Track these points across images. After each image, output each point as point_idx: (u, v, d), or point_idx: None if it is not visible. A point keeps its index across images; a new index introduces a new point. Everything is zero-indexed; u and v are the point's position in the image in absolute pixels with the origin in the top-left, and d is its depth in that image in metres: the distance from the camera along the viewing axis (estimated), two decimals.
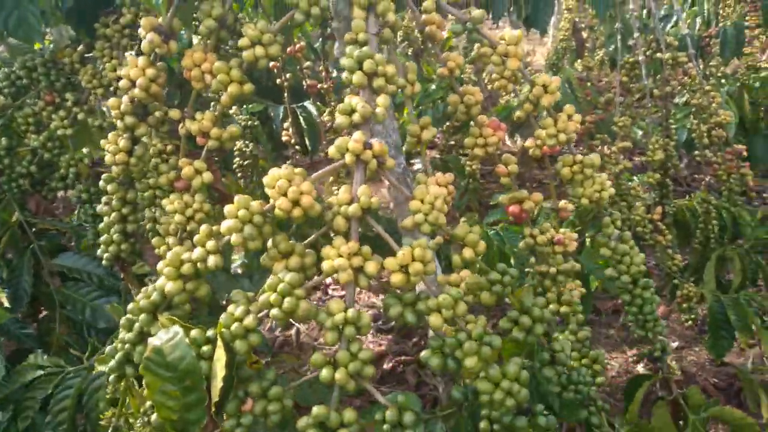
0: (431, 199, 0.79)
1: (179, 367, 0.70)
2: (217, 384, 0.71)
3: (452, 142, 2.75)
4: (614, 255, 1.11)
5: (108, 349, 0.84)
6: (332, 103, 2.11)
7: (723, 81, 3.13)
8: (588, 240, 1.88)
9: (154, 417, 0.75)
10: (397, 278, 0.75)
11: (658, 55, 1.73)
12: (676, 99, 2.80)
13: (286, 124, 2.03)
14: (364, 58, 0.81)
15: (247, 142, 2.00)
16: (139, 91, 0.90)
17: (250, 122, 2.00)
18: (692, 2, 4.41)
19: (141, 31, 0.91)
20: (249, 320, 0.73)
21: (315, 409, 0.72)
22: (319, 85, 2.07)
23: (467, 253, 0.84)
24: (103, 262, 1.10)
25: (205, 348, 0.74)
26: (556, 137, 0.97)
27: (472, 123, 0.97)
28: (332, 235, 0.79)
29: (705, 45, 3.45)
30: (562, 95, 2.75)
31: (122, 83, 0.92)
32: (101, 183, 1.05)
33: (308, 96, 2.07)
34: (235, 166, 2.03)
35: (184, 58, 0.88)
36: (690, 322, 1.76)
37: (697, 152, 1.82)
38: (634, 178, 1.81)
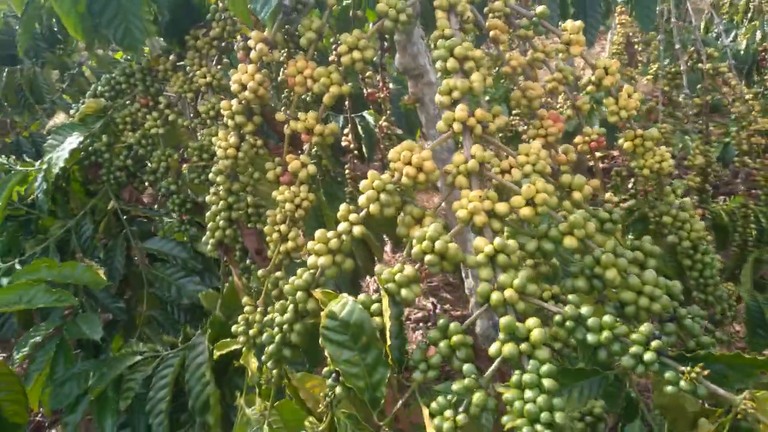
0: (536, 151, 0.96)
1: (351, 321, 0.84)
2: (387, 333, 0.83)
3: None
4: (675, 222, 1.24)
5: (265, 337, 1.01)
6: (388, 112, 2.29)
7: None
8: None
9: (338, 390, 0.88)
10: (526, 212, 0.89)
11: (699, 65, 1.85)
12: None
13: (345, 131, 2.21)
14: (454, 45, 0.99)
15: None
16: (249, 94, 1.10)
17: None
18: (751, 17, 4.44)
19: (250, 42, 1.11)
20: (409, 270, 0.87)
21: (503, 321, 0.81)
22: (377, 94, 2.25)
23: (576, 195, 0.99)
24: (208, 246, 1.29)
25: (374, 306, 0.88)
26: (617, 114, 1.11)
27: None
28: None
29: (761, 59, 3.53)
30: None
31: (234, 87, 1.12)
32: (211, 175, 1.25)
33: (367, 105, 2.25)
34: None
35: (288, 67, 1.07)
36: (729, 320, 1.86)
37: (736, 158, 1.93)
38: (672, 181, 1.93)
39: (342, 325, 0.85)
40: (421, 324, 3.40)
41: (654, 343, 0.79)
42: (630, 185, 1.72)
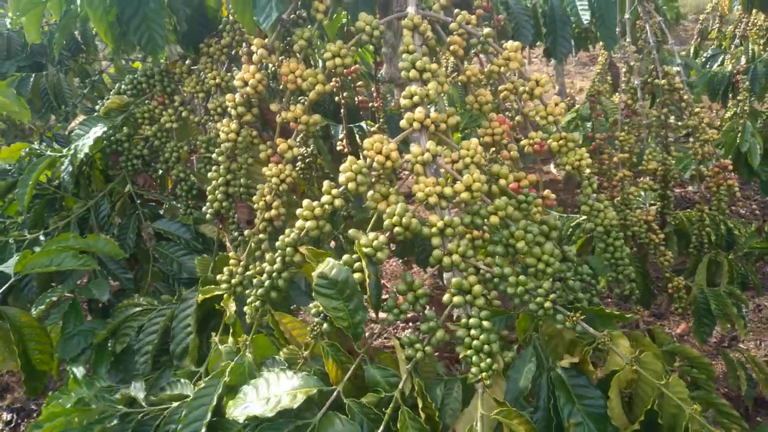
0: (474, 146, 1.21)
1: (339, 279, 1.06)
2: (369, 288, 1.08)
3: None
4: (592, 211, 1.46)
5: (255, 281, 1.24)
6: (380, 120, 2.52)
7: (749, 114, 3.42)
8: (596, 247, 2.23)
9: (325, 326, 1.13)
10: (465, 195, 1.15)
11: (656, 81, 2.08)
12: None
13: (341, 136, 2.44)
14: (415, 60, 1.24)
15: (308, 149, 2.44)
16: (250, 89, 1.34)
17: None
18: (738, 43, 4.66)
19: (252, 47, 1.35)
20: (382, 238, 1.13)
21: (453, 280, 1.10)
22: (370, 104, 2.49)
23: (501, 182, 1.24)
24: (207, 215, 1.53)
25: (356, 265, 1.11)
26: (546, 118, 1.34)
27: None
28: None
29: (735, 81, 3.76)
30: (600, 123, 3.10)
31: (237, 83, 1.36)
32: (214, 155, 1.48)
33: (360, 115, 2.49)
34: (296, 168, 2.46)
35: (282, 67, 1.31)
36: (680, 310, 2.06)
37: (693, 167, 2.15)
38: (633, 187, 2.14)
39: (331, 282, 1.08)
40: (410, 324, 3.61)
41: (551, 296, 1.09)
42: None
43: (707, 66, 4.32)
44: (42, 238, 1.80)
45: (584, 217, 1.74)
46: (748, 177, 3.26)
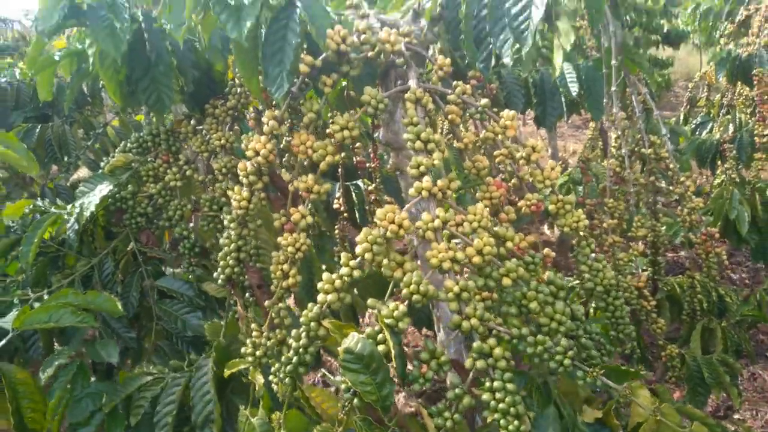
0: (480, 211, 1.27)
1: (365, 354, 1.10)
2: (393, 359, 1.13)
3: None
4: (591, 270, 1.51)
5: (283, 359, 1.28)
6: (377, 180, 2.58)
7: (736, 182, 3.51)
8: (592, 310, 2.27)
9: (356, 401, 1.15)
10: (477, 259, 1.20)
11: (643, 150, 2.16)
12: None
13: (338, 195, 2.50)
14: (420, 131, 1.31)
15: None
16: (261, 159, 1.39)
17: None
18: (726, 111, 4.79)
19: (264, 118, 1.41)
20: (402, 308, 1.17)
21: (474, 344, 1.14)
22: (367, 164, 2.55)
23: (508, 244, 1.29)
24: (219, 281, 1.56)
25: (379, 337, 1.15)
26: (543, 182, 1.40)
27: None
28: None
29: (723, 149, 3.87)
30: (590, 188, 3.17)
31: (248, 153, 1.41)
32: (225, 222, 1.53)
33: (358, 174, 2.55)
34: None
35: (293, 139, 1.37)
36: (673, 379, 2.08)
37: (682, 235, 2.21)
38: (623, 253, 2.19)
39: (357, 357, 1.12)
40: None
41: (570, 353, 1.13)
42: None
43: (697, 133, 4.44)
44: (45, 296, 1.82)
45: (578, 281, 1.79)
46: (737, 243, 3.33)
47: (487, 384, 1.12)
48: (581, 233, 1.42)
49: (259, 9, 1.29)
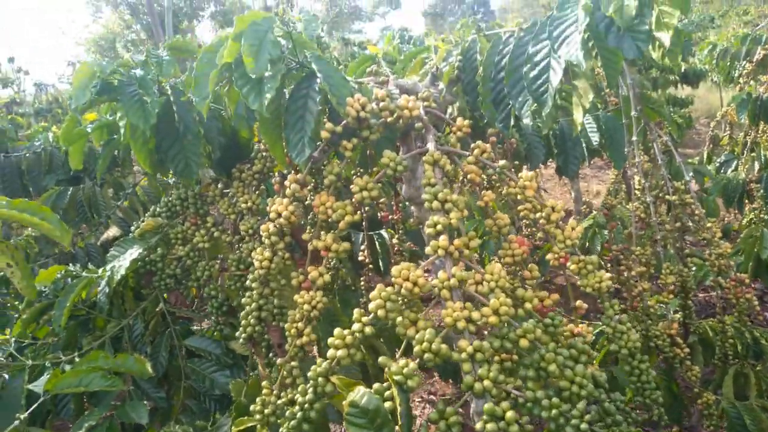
0: (498, 271, 1.27)
1: (370, 408, 1.08)
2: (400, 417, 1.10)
3: None
4: (615, 333, 1.49)
5: (287, 414, 1.28)
6: (400, 231, 2.60)
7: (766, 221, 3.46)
8: (622, 370, 2.23)
9: None
10: (493, 320, 1.19)
11: (667, 197, 2.15)
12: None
13: (363, 247, 2.52)
14: (437, 192, 1.33)
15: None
16: (283, 220, 1.43)
17: None
18: (750, 149, 4.76)
19: (286, 182, 1.45)
20: (412, 365, 1.16)
21: (486, 406, 1.10)
22: (390, 216, 2.58)
23: (527, 305, 1.29)
24: (240, 340, 1.58)
25: (386, 393, 1.13)
26: (564, 242, 1.40)
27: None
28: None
29: (749, 189, 3.83)
30: (615, 232, 3.15)
31: (271, 215, 1.45)
32: (248, 282, 1.55)
33: (382, 225, 2.58)
34: None
35: (315, 200, 1.41)
36: (712, 428, 2.03)
37: (711, 279, 2.18)
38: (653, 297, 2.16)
39: (362, 411, 1.10)
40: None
41: (587, 417, 1.10)
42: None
43: (721, 171, 4.41)
44: (77, 359, 1.85)
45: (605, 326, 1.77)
46: None
47: None
48: (604, 294, 1.41)
49: (279, 81, 1.34)
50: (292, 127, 1.44)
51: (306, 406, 1.25)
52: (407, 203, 2.86)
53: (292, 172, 1.52)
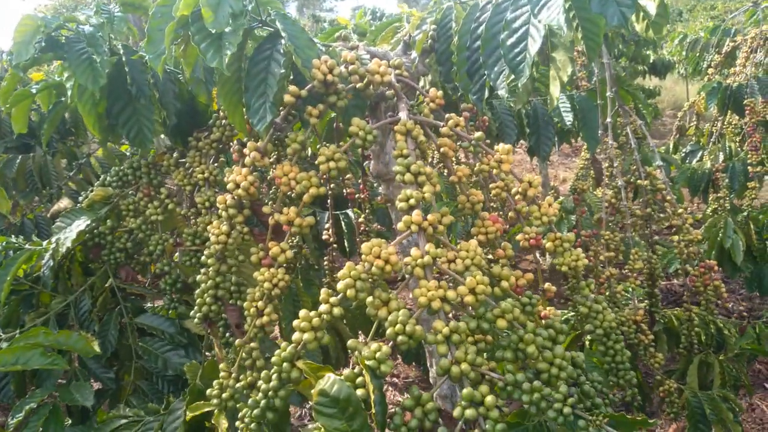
0: (473, 248, 1.19)
1: (340, 397, 1.00)
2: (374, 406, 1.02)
3: None
4: (590, 312, 1.43)
5: (250, 402, 1.17)
6: (367, 210, 2.52)
7: (730, 210, 3.48)
8: (587, 341, 2.20)
9: None
10: (469, 299, 1.11)
11: (639, 181, 2.11)
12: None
13: (327, 226, 2.44)
14: (410, 164, 1.24)
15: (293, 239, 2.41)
16: (242, 191, 1.33)
17: None
18: (715, 140, 4.80)
19: (245, 150, 1.35)
20: (386, 348, 1.07)
21: (464, 391, 1.03)
22: (357, 195, 2.50)
23: (504, 284, 1.21)
24: (195, 320, 1.47)
25: (358, 380, 1.04)
26: (540, 219, 1.33)
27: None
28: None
29: (715, 178, 3.85)
30: (583, 218, 3.12)
31: (229, 185, 1.35)
32: (203, 258, 1.44)
33: (348, 204, 2.50)
34: None
35: (276, 170, 1.31)
36: (672, 416, 2.01)
37: (678, 266, 2.15)
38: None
39: (332, 400, 1.01)
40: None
41: (570, 400, 1.04)
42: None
43: (687, 161, 4.43)
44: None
45: (574, 312, 1.71)
46: (732, 273, 3.28)
47: None
48: (580, 272, 1.35)
49: (241, 37, 1.23)
50: (253, 91, 1.33)
51: (270, 393, 1.16)
52: (374, 181, 2.78)
53: (252, 140, 1.42)
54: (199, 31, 1.22)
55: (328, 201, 2.43)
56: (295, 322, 1.16)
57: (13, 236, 1.97)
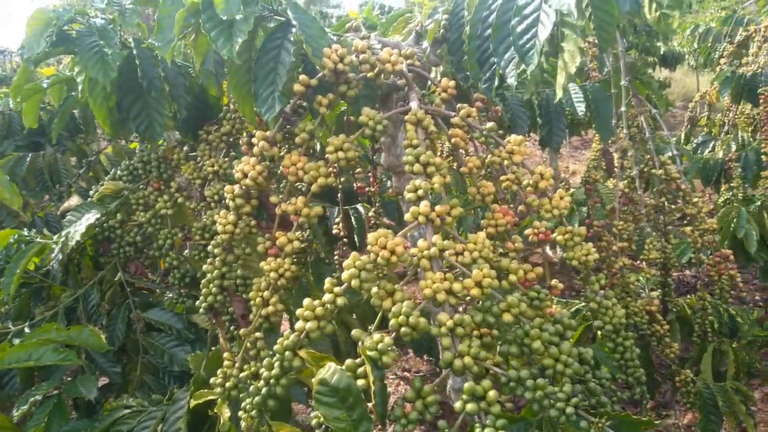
0: (481, 240, 1.16)
1: (340, 387, 0.98)
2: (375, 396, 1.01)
3: None
4: (600, 308, 1.41)
5: (251, 389, 1.17)
6: (377, 204, 2.51)
7: (743, 200, 3.44)
8: (599, 333, 2.18)
9: None
10: (475, 292, 1.09)
11: (653, 171, 2.09)
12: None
13: (337, 220, 2.43)
14: (419, 154, 1.22)
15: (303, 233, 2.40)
16: (249, 181, 1.32)
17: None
18: (727, 130, 4.75)
19: (254, 139, 1.34)
20: (388, 339, 1.06)
21: (466, 385, 1.02)
22: (366, 189, 2.48)
23: (512, 278, 1.19)
24: (200, 310, 1.47)
25: (359, 370, 1.04)
26: (551, 212, 1.31)
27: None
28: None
29: (728, 168, 3.81)
30: (596, 209, 3.10)
31: (237, 175, 1.34)
32: (209, 247, 1.44)
33: (358, 199, 2.48)
34: None
35: (284, 160, 1.29)
36: (689, 405, 1.99)
37: (693, 255, 2.13)
38: (633, 275, 2.11)
39: (332, 390, 1.01)
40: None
41: (573, 400, 1.01)
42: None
43: (698, 152, 4.39)
44: (27, 330, 1.72)
45: (584, 304, 1.69)
46: (745, 262, 3.24)
47: (477, 430, 1.00)
48: (591, 267, 1.33)
49: (252, 25, 1.21)
50: (262, 80, 1.32)
51: (272, 381, 1.15)
52: (384, 174, 2.76)
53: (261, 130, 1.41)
54: (210, 18, 1.20)
55: (338, 196, 2.42)
56: (299, 311, 1.15)
57: (25, 230, 1.97)
